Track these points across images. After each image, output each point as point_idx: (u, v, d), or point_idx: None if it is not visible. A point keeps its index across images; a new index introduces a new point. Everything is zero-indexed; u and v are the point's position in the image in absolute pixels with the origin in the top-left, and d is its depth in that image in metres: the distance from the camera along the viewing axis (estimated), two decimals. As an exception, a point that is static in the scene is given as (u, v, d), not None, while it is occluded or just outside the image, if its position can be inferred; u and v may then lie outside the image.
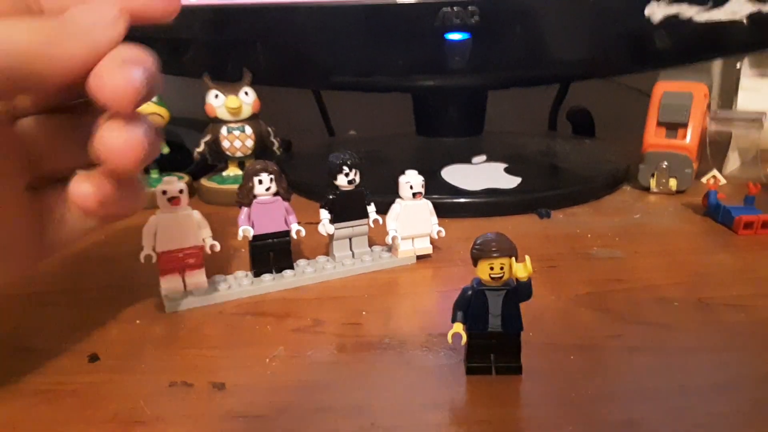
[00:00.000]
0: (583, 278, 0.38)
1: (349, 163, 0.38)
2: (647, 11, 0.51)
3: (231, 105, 0.53)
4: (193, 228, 0.35)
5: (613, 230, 0.46)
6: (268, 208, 0.37)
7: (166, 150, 0.57)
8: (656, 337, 0.31)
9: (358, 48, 0.54)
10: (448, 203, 0.49)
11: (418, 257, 0.41)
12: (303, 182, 0.56)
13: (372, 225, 0.41)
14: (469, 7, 0.50)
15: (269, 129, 0.56)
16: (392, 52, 0.54)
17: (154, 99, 0.55)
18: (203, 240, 0.36)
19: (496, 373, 0.28)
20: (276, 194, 0.38)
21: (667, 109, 0.54)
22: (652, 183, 0.55)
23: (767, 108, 0.55)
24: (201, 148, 0.55)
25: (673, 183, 0.54)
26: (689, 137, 0.53)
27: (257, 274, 0.38)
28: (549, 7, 0.52)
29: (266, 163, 0.37)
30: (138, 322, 0.34)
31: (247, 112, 0.54)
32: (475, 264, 0.27)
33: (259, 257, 0.38)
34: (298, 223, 0.38)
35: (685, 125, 0.53)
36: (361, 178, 0.39)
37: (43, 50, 0.22)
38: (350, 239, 0.41)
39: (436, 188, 0.50)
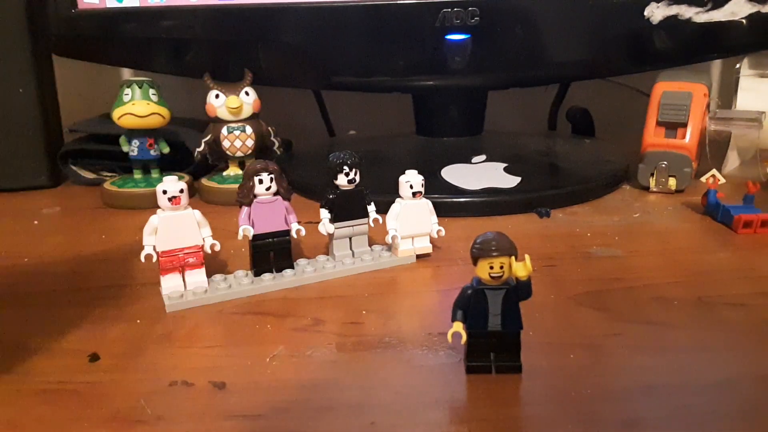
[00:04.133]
0: (582, 277, 0.38)
1: (349, 162, 0.38)
2: (647, 12, 0.51)
3: (231, 105, 0.53)
4: (193, 227, 0.36)
5: (612, 229, 0.46)
6: (268, 208, 0.37)
7: (166, 150, 0.57)
8: (656, 336, 0.31)
9: (359, 48, 0.54)
10: (448, 203, 0.49)
11: (418, 256, 0.41)
12: (303, 182, 0.56)
13: (372, 224, 0.41)
14: (469, 8, 0.50)
15: (270, 129, 0.57)
16: (393, 52, 0.54)
17: (155, 99, 0.55)
18: (203, 239, 0.36)
19: (496, 372, 0.28)
20: (276, 194, 0.38)
21: (666, 109, 0.54)
22: (652, 182, 0.55)
23: (766, 108, 0.55)
24: (201, 147, 0.55)
25: (672, 182, 0.54)
26: (688, 137, 0.53)
27: (257, 274, 0.38)
28: (549, 7, 0.52)
29: (266, 163, 0.37)
30: (138, 321, 0.34)
31: (247, 112, 0.54)
32: (474, 263, 0.27)
33: (259, 256, 0.38)
34: (298, 222, 0.38)
35: (684, 125, 0.53)
36: (361, 177, 0.39)
37: None
38: (350, 238, 0.41)
39: (436, 188, 0.50)
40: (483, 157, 0.58)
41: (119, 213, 0.53)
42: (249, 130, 0.55)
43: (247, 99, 0.54)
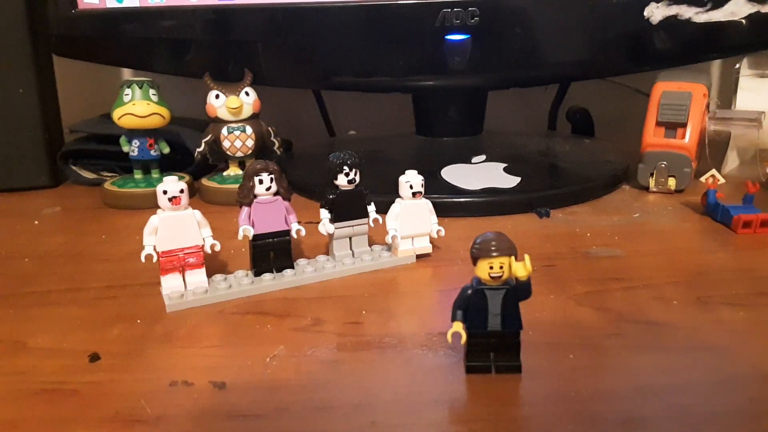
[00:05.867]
0: (582, 277, 0.38)
1: (349, 162, 0.38)
2: (646, 12, 0.51)
3: (232, 105, 0.53)
4: (193, 227, 0.36)
5: (612, 229, 0.46)
6: (268, 208, 0.37)
7: (166, 150, 0.57)
8: (655, 336, 0.31)
9: (359, 48, 0.54)
10: (447, 203, 0.49)
11: (418, 256, 0.41)
12: (303, 182, 0.56)
13: (372, 224, 0.41)
14: (469, 8, 0.50)
15: (270, 129, 0.57)
16: (393, 52, 0.54)
17: (155, 99, 0.55)
18: (203, 239, 0.36)
19: (495, 372, 0.28)
20: (276, 194, 0.38)
21: (666, 109, 0.54)
22: (651, 182, 0.55)
23: (766, 108, 0.55)
24: (202, 147, 0.55)
25: (672, 182, 0.54)
26: (688, 137, 0.53)
27: (257, 274, 0.38)
28: (548, 8, 0.52)
29: (267, 163, 0.37)
30: (139, 321, 0.34)
31: (247, 112, 0.54)
32: (474, 263, 0.27)
33: (259, 256, 0.38)
34: (299, 222, 0.39)
35: (684, 125, 0.53)
36: (361, 177, 0.39)
37: None
38: (350, 239, 0.41)
39: (435, 188, 0.50)
40: (483, 157, 0.58)
41: (119, 213, 0.53)
42: (249, 130, 0.55)
43: (247, 99, 0.54)
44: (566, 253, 0.42)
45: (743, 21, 0.51)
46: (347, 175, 0.39)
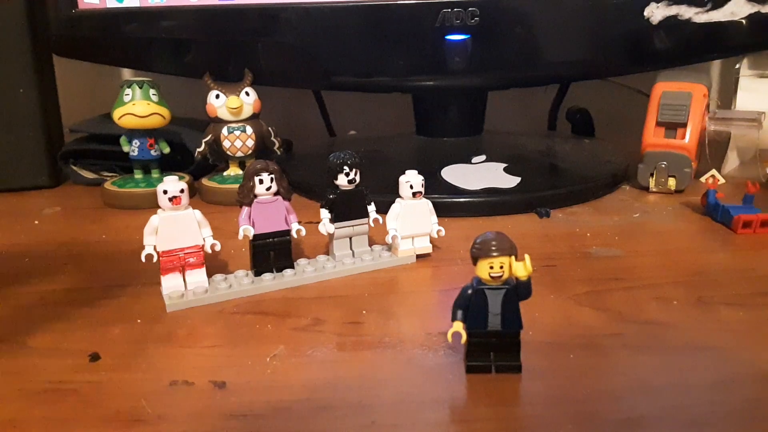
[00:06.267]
0: (582, 277, 0.38)
1: (349, 162, 0.38)
2: (647, 12, 0.51)
3: (232, 105, 0.53)
4: (193, 227, 0.36)
5: (612, 229, 0.46)
6: (268, 208, 0.38)
7: (167, 150, 0.57)
8: (655, 336, 0.31)
9: (359, 48, 0.54)
10: (448, 203, 0.49)
11: (418, 256, 0.41)
12: (303, 182, 0.56)
13: (372, 224, 0.41)
14: (469, 8, 0.50)
15: (270, 129, 0.57)
16: (393, 52, 0.54)
17: (155, 99, 0.55)
18: (204, 239, 0.36)
19: (495, 372, 0.28)
20: (276, 194, 0.38)
21: (666, 109, 0.54)
22: (651, 182, 0.55)
23: (766, 108, 0.55)
24: (202, 147, 0.55)
25: (672, 182, 0.54)
26: (688, 137, 0.53)
27: (258, 274, 0.38)
28: (548, 7, 0.52)
29: (267, 163, 0.37)
30: (139, 321, 0.34)
31: (247, 112, 0.54)
32: (474, 263, 0.27)
33: (259, 256, 0.38)
34: (299, 222, 0.39)
35: (684, 125, 0.53)
36: (361, 177, 0.39)
37: None
38: (350, 238, 0.41)
39: (436, 188, 0.50)
40: (483, 157, 0.58)
41: (120, 213, 0.53)
42: (249, 130, 0.55)
43: (248, 99, 0.54)
44: (566, 253, 0.42)
45: (743, 21, 0.51)
46: (347, 175, 0.39)
